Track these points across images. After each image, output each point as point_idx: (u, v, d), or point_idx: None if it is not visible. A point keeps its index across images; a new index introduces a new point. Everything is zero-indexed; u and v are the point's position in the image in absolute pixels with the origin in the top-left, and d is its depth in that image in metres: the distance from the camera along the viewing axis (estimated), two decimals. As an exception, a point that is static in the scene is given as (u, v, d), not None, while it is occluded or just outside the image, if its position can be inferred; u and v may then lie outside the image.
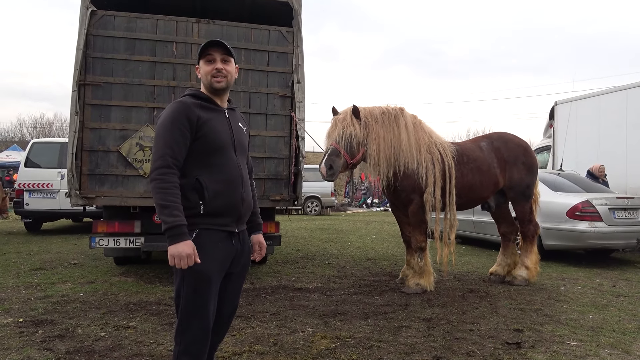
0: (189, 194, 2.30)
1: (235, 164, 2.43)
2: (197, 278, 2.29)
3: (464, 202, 5.97)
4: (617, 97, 9.92)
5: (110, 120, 5.60)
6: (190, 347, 2.32)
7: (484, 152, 6.05)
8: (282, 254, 8.37)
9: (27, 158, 11.07)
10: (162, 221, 2.21)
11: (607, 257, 8.57)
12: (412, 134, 5.59)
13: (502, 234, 6.57)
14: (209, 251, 2.31)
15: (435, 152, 5.67)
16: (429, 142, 5.72)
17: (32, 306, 4.81)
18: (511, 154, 6.08)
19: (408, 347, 3.77)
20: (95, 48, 5.57)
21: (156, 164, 2.26)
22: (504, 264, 6.38)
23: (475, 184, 5.89)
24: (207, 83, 2.43)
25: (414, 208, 5.65)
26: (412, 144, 5.54)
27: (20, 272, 6.55)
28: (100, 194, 5.56)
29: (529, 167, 6.15)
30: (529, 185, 6.15)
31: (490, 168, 5.97)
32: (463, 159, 5.88)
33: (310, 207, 19.18)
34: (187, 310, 2.31)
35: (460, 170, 5.79)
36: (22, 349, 3.63)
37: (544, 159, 12.40)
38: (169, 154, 2.25)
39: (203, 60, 2.44)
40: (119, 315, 4.54)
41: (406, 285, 5.69)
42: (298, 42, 6.01)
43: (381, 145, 5.46)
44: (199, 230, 2.31)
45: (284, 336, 4.00)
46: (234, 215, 2.41)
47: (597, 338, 4.03)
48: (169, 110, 2.35)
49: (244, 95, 5.94)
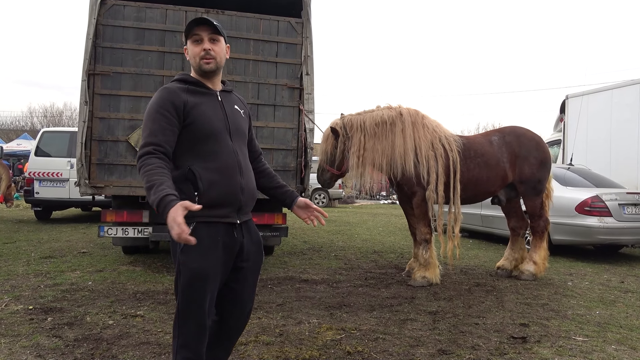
0: (183, 186, 2.17)
1: (230, 150, 2.27)
2: (193, 274, 2.17)
3: (470, 196, 5.96)
4: (629, 91, 9.78)
5: (119, 110, 5.62)
6: (188, 341, 2.24)
7: (493, 146, 6.01)
8: (288, 245, 8.39)
9: (38, 147, 11.16)
10: (150, 203, 2.03)
11: (616, 253, 8.51)
12: (409, 137, 5.61)
13: (511, 229, 6.53)
14: (207, 246, 2.18)
15: (439, 148, 5.67)
16: (432, 137, 5.71)
17: (42, 294, 4.87)
18: (523, 148, 6.03)
19: (413, 340, 3.77)
20: (105, 38, 5.58)
21: (140, 152, 2.14)
22: (512, 259, 6.36)
23: (482, 179, 5.87)
24: (195, 65, 2.29)
25: (417, 200, 5.70)
26: (408, 148, 5.57)
27: (30, 260, 6.63)
28: (109, 183, 5.60)
29: (542, 161, 6.08)
30: (541, 180, 6.09)
31: (499, 163, 5.93)
32: (470, 153, 5.86)
33: (318, 199, 19.20)
34: (184, 305, 2.22)
35: (467, 165, 5.79)
36: (31, 336, 3.68)
37: (554, 153, 12.29)
38: (152, 142, 2.13)
39: (190, 41, 2.28)
40: (126, 304, 4.58)
41: (412, 278, 5.70)
42: (307, 33, 5.99)
43: (367, 157, 5.62)
44: (196, 223, 2.15)
45: (289, 327, 4.02)
46: (233, 205, 2.26)
47: (604, 334, 4.01)
48: (153, 98, 2.24)
49: (253, 86, 5.93)
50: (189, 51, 2.30)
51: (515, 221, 6.48)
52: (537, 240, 6.14)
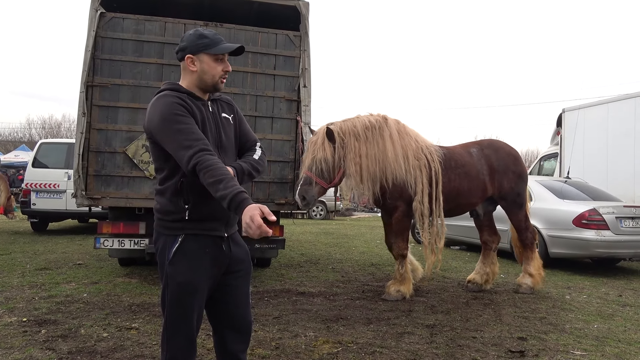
0: (173, 198, 2.17)
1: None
2: (181, 289, 2.15)
3: (452, 208, 5.82)
4: (625, 105, 9.85)
5: (117, 122, 5.63)
6: (176, 355, 2.21)
7: (473, 157, 5.92)
8: (286, 257, 8.36)
9: (35, 158, 11.15)
10: (218, 196, 1.97)
11: (614, 267, 8.49)
12: (397, 143, 5.40)
13: (483, 242, 6.43)
14: (195, 259, 2.17)
15: (422, 158, 5.51)
16: (416, 147, 5.54)
17: (36, 306, 4.83)
18: (501, 162, 5.97)
19: (410, 354, 3.74)
20: (104, 50, 5.61)
21: (187, 154, 2.02)
22: (483, 273, 6.20)
23: (463, 190, 5.74)
24: (210, 82, 2.25)
25: (398, 215, 5.55)
26: (398, 154, 5.37)
27: (25, 271, 6.58)
28: (106, 194, 5.59)
29: (519, 175, 6.07)
30: (520, 193, 6.08)
31: (479, 174, 5.84)
32: (451, 163, 5.72)
33: (315, 211, 19.18)
34: (171, 320, 2.19)
35: (448, 176, 5.63)
36: (24, 348, 3.64)
37: (551, 166, 12.34)
38: (195, 138, 2.06)
39: (212, 58, 2.24)
40: (121, 316, 4.55)
41: (386, 292, 5.57)
42: (305, 46, 6.03)
43: (363, 164, 5.24)
44: (184, 235, 2.17)
45: (286, 340, 3.99)
46: (222, 219, 2.25)
47: (602, 348, 3.99)
48: (161, 105, 2.14)
49: (251, 99, 5.96)
50: (207, 66, 2.23)
51: (487, 235, 6.37)
52: (528, 252, 6.10)
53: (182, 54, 2.25)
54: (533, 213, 8.21)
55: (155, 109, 2.15)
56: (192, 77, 2.26)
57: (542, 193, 8.34)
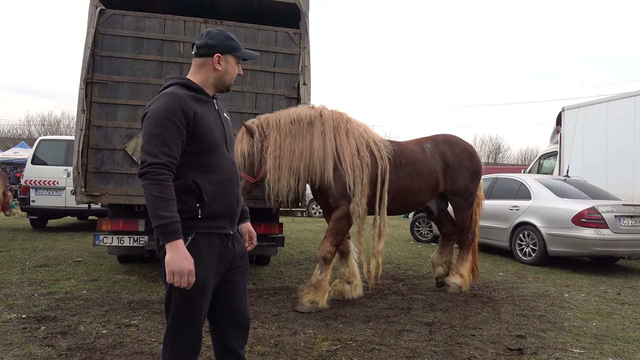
0: (184, 197, 2.12)
1: (228, 160, 2.27)
2: (192, 288, 2.10)
3: (399, 207, 5.63)
4: (625, 104, 9.85)
5: (116, 119, 5.62)
6: (181, 353, 2.19)
7: (426, 154, 5.65)
8: (285, 255, 8.37)
9: (34, 155, 11.14)
10: (155, 216, 1.99)
11: (613, 265, 8.51)
12: (329, 142, 5.04)
13: (443, 234, 6.32)
14: (205, 257, 2.16)
15: (365, 157, 5.13)
16: (359, 144, 5.17)
17: (36, 302, 4.84)
18: (457, 158, 5.74)
19: (409, 351, 3.75)
20: (103, 47, 5.59)
21: (152, 160, 2.03)
22: (441, 262, 6.11)
23: (413, 188, 5.48)
24: (226, 82, 2.31)
25: (339, 214, 5.08)
26: (328, 155, 4.99)
27: (24, 268, 6.58)
28: (106, 191, 5.58)
29: (474, 172, 5.87)
30: (472, 192, 5.91)
31: (432, 172, 5.58)
32: (401, 161, 5.43)
33: (315, 209, 19.18)
34: (179, 318, 2.17)
35: (397, 174, 5.35)
36: (24, 345, 3.64)
37: (551, 165, 12.35)
38: (168, 154, 2.05)
39: (235, 60, 2.32)
40: (121, 313, 4.55)
41: (299, 302, 4.96)
42: (305, 43, 6.02)
43: (285, 159, 4.95)
44: (195, 234, 2.14)
45: (285, 337, 4.00)
46: (230, 216, 2.28)
47: (601, 346, 4.00)
48: (161, 103, 2.11)
49: (250, 96, 5.95)
50: (231, 67, 2.30)
51: (447, 227, 6.23)
52: (465, 253, 5.96)
53: (209, 51, 2.25)
54: (532, 211, 8.26)
55: (159, 102, 2.13)
56: (211, 75, 2.28)
57: (542, 191, 8.36)
